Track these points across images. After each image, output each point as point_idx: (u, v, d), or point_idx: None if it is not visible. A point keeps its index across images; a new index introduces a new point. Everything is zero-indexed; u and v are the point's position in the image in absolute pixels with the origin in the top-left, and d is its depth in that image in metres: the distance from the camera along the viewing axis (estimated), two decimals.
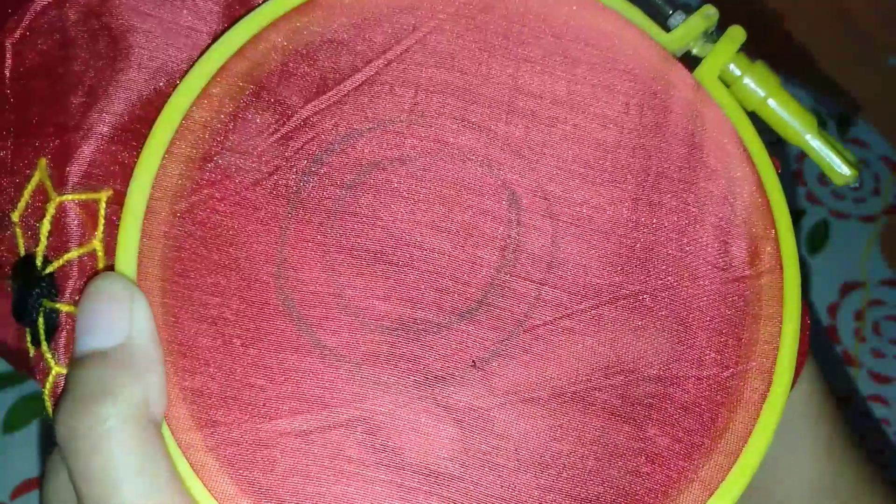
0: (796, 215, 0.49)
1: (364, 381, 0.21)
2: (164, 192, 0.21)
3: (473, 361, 0.21)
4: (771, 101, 0.23)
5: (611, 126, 0.23)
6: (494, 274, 0.21)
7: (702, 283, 0.22)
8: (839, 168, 0.23)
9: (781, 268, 0.23)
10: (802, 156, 0.51)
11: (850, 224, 0.49)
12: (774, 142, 0.24)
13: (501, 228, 0.22)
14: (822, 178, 0.51)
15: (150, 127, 0.21)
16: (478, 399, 0.21)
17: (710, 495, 0.21)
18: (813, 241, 0.49)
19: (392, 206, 0.22)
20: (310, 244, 0.21)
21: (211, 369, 0.20)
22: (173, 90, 0.22)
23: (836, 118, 0.53)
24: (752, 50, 0.25)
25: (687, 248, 0.22)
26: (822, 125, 0.55)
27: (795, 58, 0.55)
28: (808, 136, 0.23)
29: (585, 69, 0.23)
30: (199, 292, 0.21)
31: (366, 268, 0.21)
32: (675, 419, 0.21)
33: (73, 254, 0.22)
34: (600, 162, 0.22)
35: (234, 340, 0.21)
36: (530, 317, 0.21)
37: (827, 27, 0.57)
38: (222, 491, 0.20)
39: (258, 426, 0.20)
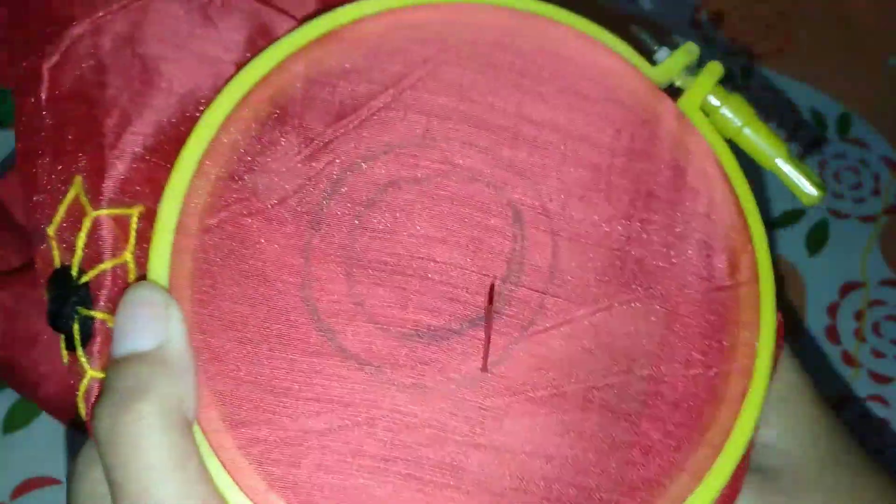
0: (795, 214, 0.49)
1: (384, 383, 0.22)
2: (193, 209, 0.22)
3: (484, 365, 0.23)
4: (746, 130, 0.26)
5: (605, 151, 0.25)
6: (501, 284, 0.23)
7: (688, 291, 0.24)
8: (807, 189, 0.26)
9: (758, 279, 0.25)
10: (800, 157, 0.51)
11: (850, 224, 0.49)
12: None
13: (507, 243, 0.24)
14: (822, 178, 0.51)
15: (179, 148, 0.23)
16: (488, 398, 0.22)
17: (698, 483, 0.23)
18: (812, 241, 0.49)
19: (407, 222, 0.23)
20: (332, 257, 0.23)
21: (240, 373, 0.22)
22: (200, 114, 0.23)
23: (836, 118, 0.53)
24: (751, 50, 0.26)
25: (674, 261, 0.25)
26: (822, 126, 0.55)
27: (795, 58, 0.55)
28: (779, 161, 0.26)
29: (582, 100, 0.25)
30: (228, 302, 0.22)
31: (384, 279, 0.23)
32: (666, 415, 0.23)
33: (107, 265, 0.23)
34: (595, 183, 0.25)
35: (262, 346, 0.22)
36: (534, 323, 0.23)
37: (827, 27, 0.57)
38: (252, 486, 0.21)
39: (285, 426, 0.21)
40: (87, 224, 0.23)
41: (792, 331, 0.47)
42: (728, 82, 0.26)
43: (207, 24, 0.25)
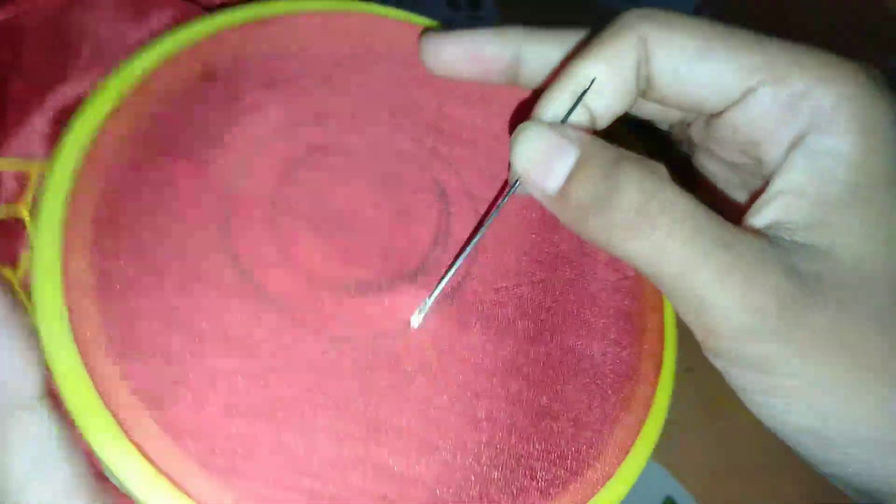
0: None
1: (302, 330, 0.21)
2: (110, 138, 0.22)
3: (412, 319, 0.23)
4: None
5: None
6: (430, 249, 0.24)
7: (597, 278, 0.26)
8: None
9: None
10: None
11: None
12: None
13: (434, 213, 0.25)
14: None
15: None
16: (414, 353, 0.22)
17: (626, 454, 0.23)
18: None
19: (337, 183, 0.24)
20: (258, 202, 0.22)
21: (140, 303, 0.20)
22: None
23: None
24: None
25: (585, 249, 0.26)
26: None
27: None
28: None
29: (498, 106, 0.28)
30: (136, 227, 0.21)
31: (312, 229, 0.23)
32: (589, 388, 0.24)
33: None
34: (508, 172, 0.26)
35: (169, 277, 0.21)
36: (462, 287, 0.24)
37: (827, 27, 0.57)
38: (144, 431, 0.19)
39: (186, 363, 0.20)
40: None
41: None
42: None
43: (138, 13, 0.26)
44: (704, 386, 0.51)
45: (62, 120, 0.25)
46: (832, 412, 0.21)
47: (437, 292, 0.23)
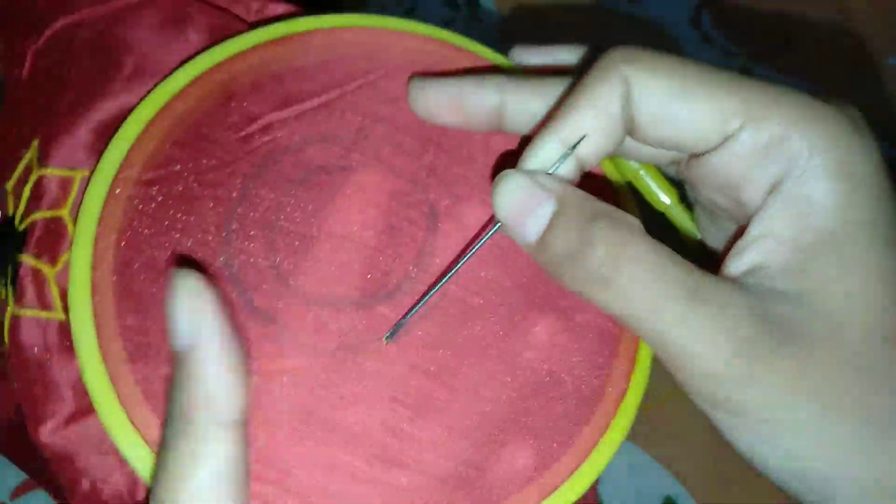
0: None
1: (289, 343, 0.24)
2: (133, 162, 0.25)
3: (385, 336, 0.24)
4: (643, 174, 0.28)
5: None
6: (411, 269, 0.25)
7: (579, 304, 0.26)
8: (691, 231, 0.28)
9: None
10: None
11: None
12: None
13: (421, 234, 0.26)
14: None
15: None
16: (386, 367, 0.24)
17: (564, 481, 0.24)
18: None
19: (333, 202, 0.26)
20: (256, 222, 0.25)
21: (149, 312, 0.23)
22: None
23: None
24: (751, 50, 0.26)
25: None
26: None
27: (795, 58, 0.55)
28: (669, 204, 0.28)
29: None
30: (148, 247, 0.24)
31: (303, 249, 0.25)
32: (552, 405, 0.25)
33: (38, 216, 0.26)
34: None
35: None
36: (436, 307, 0.25)
37: (827, 27, 0.57)
38: (145, 421, 0.22)
39: None
40: (32, 180, 0.26)
41: None
42: None
43: (177, 28, 0.28)
44: None
45: (104, 132, 0.27)
46: (809, 455, 0.21)
47: (405, 318, 0.24)
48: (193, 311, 0.19)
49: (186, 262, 0.24)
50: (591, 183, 0.26)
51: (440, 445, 0.24)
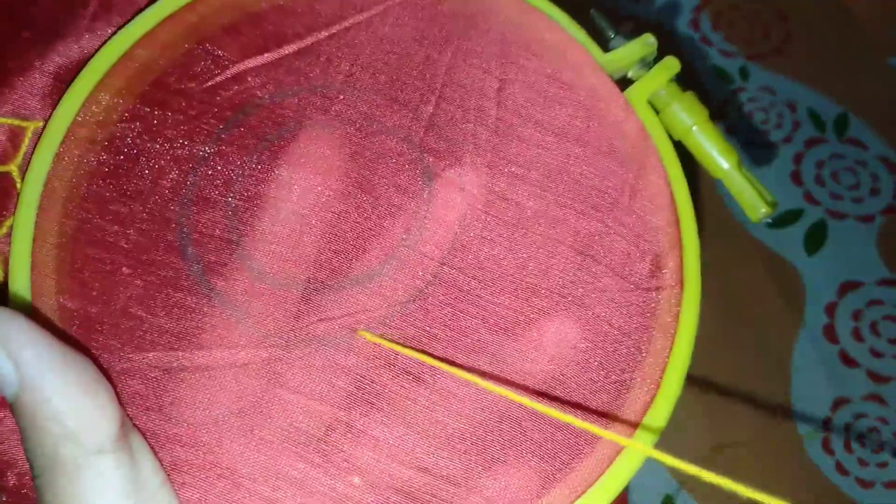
0: (794, 214, 0.50)
1: (246, 331, 0.20)
2: (87, 119, 0.21)
3: (360, 329, 0.21)
4: (696, 131, 0.23)
5: (535, 127, 0.23)
6: (396, 247, 0.21)
7: (599, 287, 0.22)
8: (755, 203, 0.23)
9: (682, 284, 0.23)
10: (798, 157, 0.51)
11: (848, 224, 0.50)
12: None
13: (412, 203, 0.22)
14: (820, 179, 0.51)
15: None
16: (356, 365, 0.20)
17: (577, 497, 0.20)
18: (811, 241, 0.49)
19: (307, 166, 0.22)
20: (217, 190, 0.21)
21: (93, 293, 0.20)
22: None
23: (834, 119, 0.53)
24: (751, 50, 0.25)
25: (591, 253, 0.22)
26: (819, 126, 0.55)
27: (795, 58, 0.55)
28: (727, 168, 0.23)
29: (520, 71, 0.23)
30: (100, 218, 0.21)
31: (269, 221, 0.21)
32: (556, 419, 0.21)
33: None
34: (520, 158, 0.23)
35: (123, 268, 0.20)
36: (424, 293, 0.21)
37: (827, 27, 0.57)
38: None
39: (128, 355, 0.20)
40: None
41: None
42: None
43: None
44: (705, 389, 0.51)
45: (62, 78, 0.23)
46: None
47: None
48: (14, 352, 0.17)
49: (139, 234, 0.20)
50: (622, 144, 0.23)
51: (413, 455, 0.20)
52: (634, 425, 0.21)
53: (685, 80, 0.25)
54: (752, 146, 0.53)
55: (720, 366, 0.46)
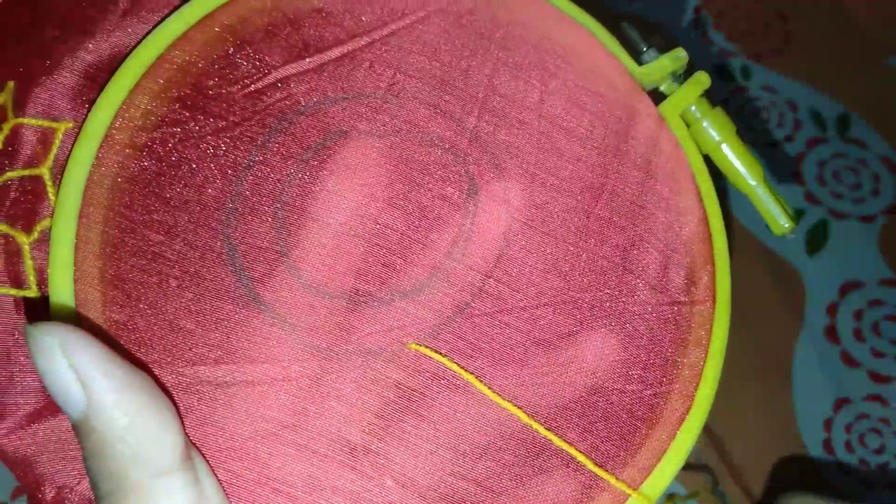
0: (795, 214, 0.49)
1: (295, 343, 0.20)
2: (125, 123, 0.21)
3: (411, 342, 0.21)
4: (725, 147, 0.24)
5: (574, 140, 0.23)
6: (443, 259, 0.21)
7: (637, 301, 0.22)
8: (779, 218, 0.24)
9: (714, 298, 0.23)
10: (800, 156, 0.51)
11: (850, 224, 0.49)
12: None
13: (457, 216, 0.22)
14: (821, 178, 0.51)
15: None
16: (406, 378, 0.21)
17: None
18: (812, 240, 0.49)
19: (353, 176, 0.21)
20: (264, 199, 0.21)
21: (141, 305, 0.20)
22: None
23: (836, 118, 0.53)
24: (751, 50, 0.25)
25: (628, 266, 0.23)
26: (820, 126, 0.55)
27: (795, 58, 0.55)
28: (754, 184, 0.24)
29: (559, 83, 0.24)
30: (144, 227, 0.20)
31: (316, 232, 0.21)
32: (596, 428, 0.21)
33: (13, 174, 0.21)
34: (560, 171, 0.23)
35: (170, 280, 0.20)
36: (471, 305, 0.21)
37: (827, 27, 0.57)
38: None
39: (179, 370, 0.20)
40: (6, 130, 0.22)
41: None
42: (714, 96, 0.25)
43: None
44: None
45: (93, 77, 0.22)
46: None
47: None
48: (81, 372, 0.16)
49: (183, 243, 0.20)
50: (657, 159, 0.23)
51: (460, 466, 0.20)
52: (671, 437, 0.22)
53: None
54: (754, 146, 0.53)
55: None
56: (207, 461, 0.19)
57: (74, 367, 0.16)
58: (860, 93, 0.54)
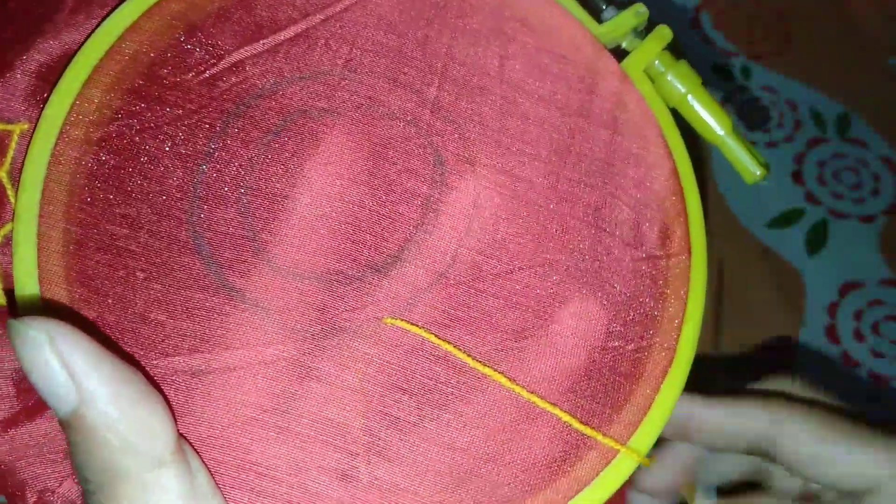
0: (795, 214, 0.49)
1: (270, 327, 0.20)
2: (80, 118, 0.20)
3: (386, 316, 0.21)
4: (691, 98, 0.24)
5: (538, 103, 0.23)
6: (413, 231, 0.21)
7: (613, 258, 0.22)
8: (751, 166, 0.24)
9: (690, 251, 0.23)
10: (800, 157, 0.51)
11: (850, 224, 0.49)
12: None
13: (424, 187, 0.22)
14: (821, 178, 0.51)
15: None
16: (385, 353, 0.20)
17: (606, 465, 0.21)
18: (812, 241, 0.49)
19: (316, 155, 0.21)
20: (227, 185, 0.21)
21: (109, 300, 0.19)
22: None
23: (836, 118, 0.53)
24: (751, 50, 0.25)
25: (601, 224, 0.23)
26: (820, 126, 0.55)
27: (795, 58, 0.55)
28: (723, 134, 0.24)
29: (518, 47, 0.24)
30: (107, 222, 0.20)
31: (283, 213, 0.21)
32: (580, 387, 0.21)
33: None
34: (526, 135, 0.23)
35: (137, 273, 0.20)
36: (445, 276, 0.21)
37: (827, 27, 0.57)
38: None
39: (153, 362, 0.19)
40: None
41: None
42: (676, 50, 0.25)
43: None
44: (705, 389, 0.51)
45: (45, 77, 0.22)
46: None
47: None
48: (71, 366, 0.16)
49: (148, 234, 0.20)
50: (623, 115, 0.23)
51: (447, 437, 0.20)
52: (655, 390, 0.22)
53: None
54: (754, 145, 0.53)
55: (720, 366, 0.45)
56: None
57: (64, 362, 0.16)
58: (860, 93, 0.54)
